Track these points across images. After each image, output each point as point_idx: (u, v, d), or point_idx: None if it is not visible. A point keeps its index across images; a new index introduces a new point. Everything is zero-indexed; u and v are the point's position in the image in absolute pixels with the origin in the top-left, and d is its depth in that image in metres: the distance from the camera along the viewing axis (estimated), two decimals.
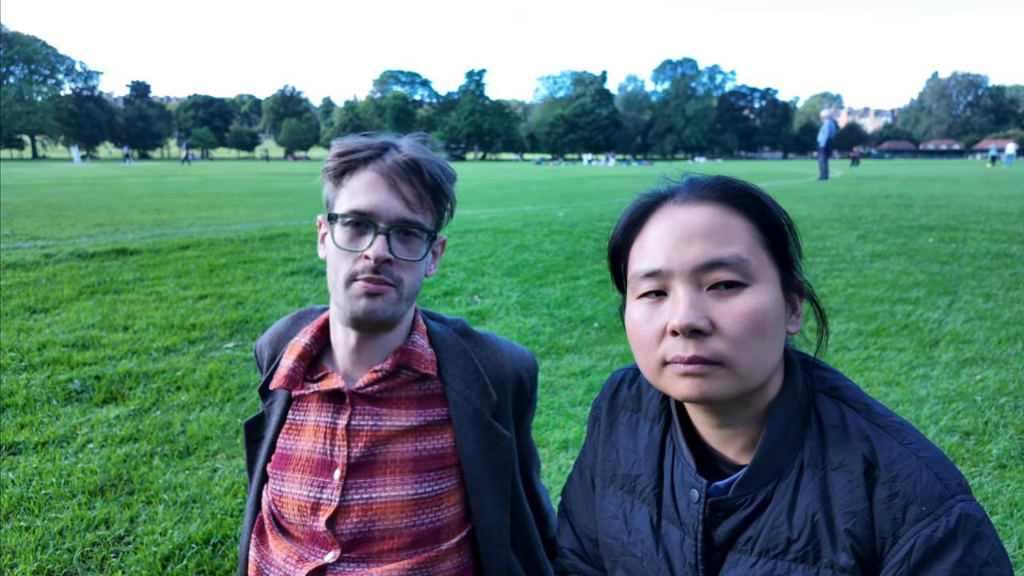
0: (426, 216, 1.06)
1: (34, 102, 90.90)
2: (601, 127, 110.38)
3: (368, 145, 1.06)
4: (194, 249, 6.18)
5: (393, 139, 1.09)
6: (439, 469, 1.09)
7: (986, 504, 2.32)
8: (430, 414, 1.10)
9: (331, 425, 1.08)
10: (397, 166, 1.03)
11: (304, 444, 1.10)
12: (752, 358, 0.74)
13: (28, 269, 5.19)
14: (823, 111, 17.64)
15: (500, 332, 4.22)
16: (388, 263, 1.02)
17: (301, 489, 1.08)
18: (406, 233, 1.05)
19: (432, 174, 1.06)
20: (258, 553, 1.13)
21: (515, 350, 1.22)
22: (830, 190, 13.71)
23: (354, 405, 1.08)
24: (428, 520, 1.07)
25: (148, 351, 3.68)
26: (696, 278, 0.76)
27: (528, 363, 1.22)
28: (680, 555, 0.86)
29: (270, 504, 1.13)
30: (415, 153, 1.05)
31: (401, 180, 1.04)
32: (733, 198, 0.79)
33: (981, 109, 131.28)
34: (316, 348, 1.14)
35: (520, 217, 8.90)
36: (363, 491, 1.05)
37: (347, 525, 1.04)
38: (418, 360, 1.11)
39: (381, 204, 1.02)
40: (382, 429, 1.08)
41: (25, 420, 2.86)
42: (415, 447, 1.08)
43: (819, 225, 8.03)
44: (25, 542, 2.05)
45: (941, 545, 0.68)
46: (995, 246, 6.51)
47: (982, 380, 3.35)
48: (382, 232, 1.01)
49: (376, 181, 1.03)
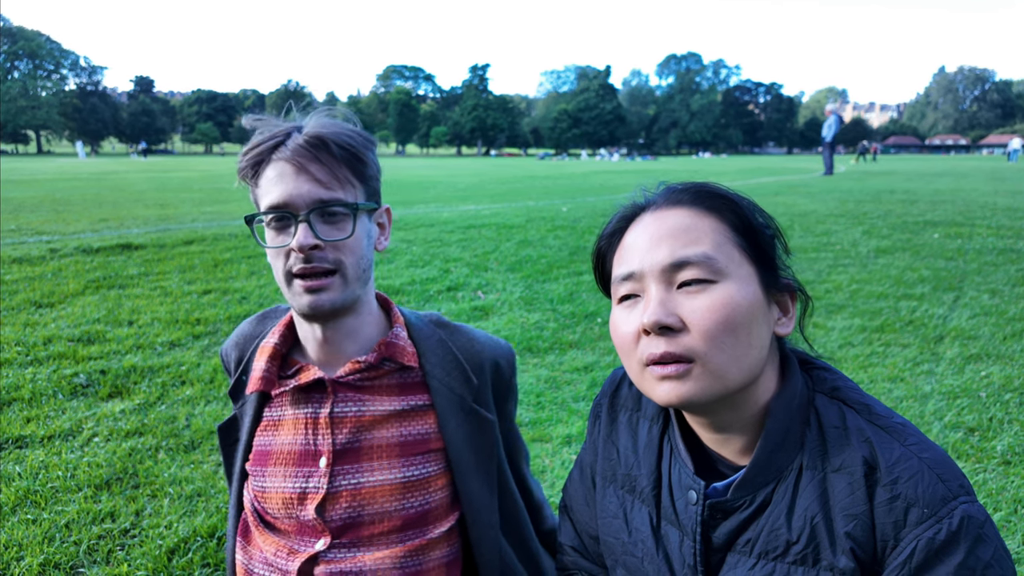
0: (345, 190, 1.01)
1: (39, 97, 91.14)
2: (605, 122, 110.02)
3: (271, 136, 1.02)
4: (198, 244, 6.20)
5: (298, 121, 1.05)
6: (424, 453, 1.09)
7: (990, 501, 2.32)
8: (412, 400, 1.11)
9: (313, 415, 1.08)
10: (300, 148, 0.99)
11: (283, 438, 1.09)
12: (725, 355, 0.74)
13: (34, 264, 5.22)
14: (828, 106, 17.52)
15: (504, 327, 4.23)
16: (317, 248, 0.98)
17: (285, 482, 1.07)
18: (330, 214, 1.00)
19: (341, 145, 1.00)
20: (244, 554, 1.12)
21: (490, 339, 1.22)
22: (835, 185, 13.65)
23: (336, 393, 1.08)
24: (417, 503, 1.07)
25: (153, 346, 3.69)
26: (666, 277, 0.78)
27: (504, 350, 1.22)
28: (679, 556, 0.86)
29: (252, 501, 1.12)
30: (318, 130, 1.00)
31: (308, 161, 0.99)
32: (704, 200, 0.81)
33: (988, 104, 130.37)
34: (285, 346, 1.14)
35: (524, 212, 8.89)
36: (351, 476, 1.05)
37: (336, 511, 1.04)
38: (401, 353, 1.11)
39: (293, 191, 0.98)
40: (366, 414, 1.07)
41: (31, 414, 2.88)
42: (400, 431, 1.08)
43: (824, 220, 8.00)
44: (32, 535, 2.07)
45: (943, 548, 0.68)
46: (1001, 242, 6.48)
47: (987, 376, 3.34)
48: (302, 219, 0.98)
49: (284, 169, 0.99)
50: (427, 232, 7.14)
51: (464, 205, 10.48)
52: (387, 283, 5.14)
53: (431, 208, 9.90)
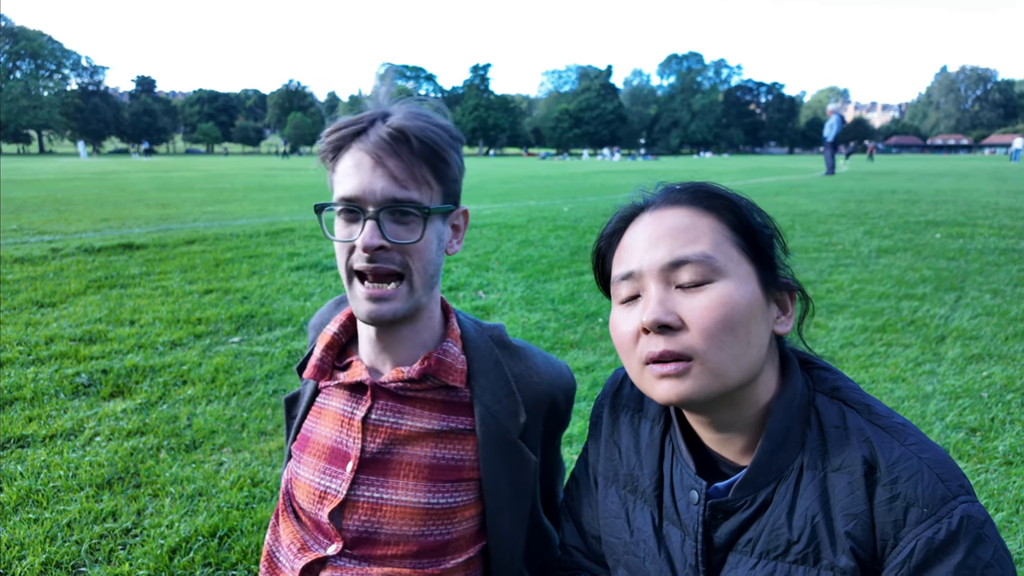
0: (422, 190, 0.95)
1: (40, 97, 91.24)
2: (606, 122, 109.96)
3: (356, 120, 0.96)
4: (200, 244, 6.20)
5: (384, 108, 0.98)
6: (456, 481, 1.02)
7: (992, 501, 2.31)
8: (454, 421, 1.04)
9: (349, 414, 1.04)
10: (382, 140, 0.93)
11: (323, 429, 1.07)
12: (724, 353, 0.75)
13: (35, 264, 5.22)
14: (829, 105, 17.51)
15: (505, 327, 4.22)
16: (383, 249, 0.93)
17: (313, 475, 1.05)
18: (402, 213, 0.94)
19: (424, 141, 0.93)
20: (273, 535, 1.11)
21: (553, 368, 1.13)
22: (836, 185, 13.64)
23: (375, 399, 1.03)
24: (438, 532, 1.01)
25: (154, 345, 3.70)
26: (665, 277, 0.78)
27: (565, 383, 1.13)
28: (681, 556, 0.86)
29: (287, 483, 1.11)
30: (403, 122, 0.93)
31: (387, 155, 0.93)
32: (702, 200, 0.82)
33: (990, 104, 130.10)
34: (345, 336, 1.11)
35: (525, 212, 8.89)
36: (373, 488, 1.01)
37: (353, 521, 1.00)
38: (448, 371, 1.04)
39: (366, 186, 0.92)
40: (402, 428, 1.02)
41: (33, 413, 2.89)
42: (434, 453, 1.02)
43: (825, 220, 7.99)
44: (34, 534, 2.07)
45: (943, 547, 0.68)
46: (1003, 242, 6.47)
47: (988, 376, 3.33)
48: (371, 217, 0.92)
49: (361, 160, 0.93)
50: None
51: (465, 205, 10.46)
52: None
53: None
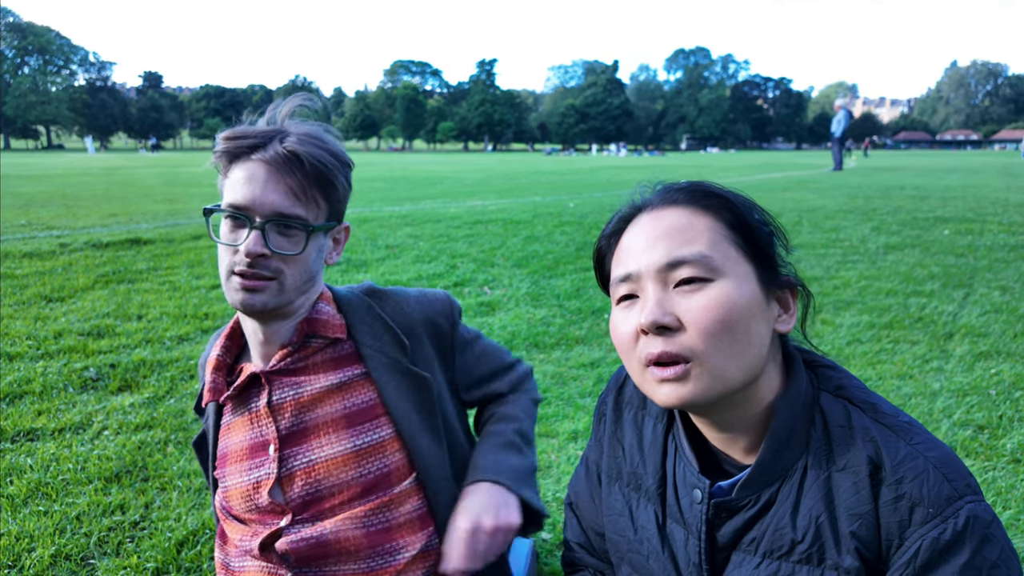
0: (308, 208, 1.04)
1: (48, 92, 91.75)
2: (613, 117, 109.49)
3: (254, 133, 1.04)
4: (207, 239, 6.22)
5: (284, 127, 1.07)
6: (371, 420, 1.10)
7: (999, 499, 2.30)
8: (348, 371, 1.12)
9: (254, 409, 1.11)
10: (278, 157, 1.01)
11: (236, 438, 1.13)
12: (723, 353, 0.74)
13: (44, 258, 5.26)
14: (837, 101, 17.38)
15: (510, 323, 4.22)
16: (263, 257, 1.01)
17: (241, 476, 1.10)
18: (287, 227, 1.03)
19: (316, 165, 1.03)
20: (222, 552, 1.16)
21: (425, 296, 1.22)
22: (844, 181, 13.55)
23: (271, 383, 1.10)
24: (374, 468, 1.08)
25: (162, 340, 3.72)
26: (662, 277, 0.78)
27: (441, 305, 1.22)
28: (684, 554, 0.86)
29: (221, 502, 1.15)
30: (298, 146, 1.02)
31: (282, 173, 1.01)
32: (699, 199, 0.81)
33: (1000, 99, 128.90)
34: (228, 356, 1.17)
35: (530, 208, 8.88)
36: (302, 456, 1.07)
37: (294, 490, 1.06)
38: (324, 326, 1.12)
39: (257, 197, 1.00)
40: (304, 394, 1.09)
41: (42, 407, 2.91)
42: (343, 404, 1.10)
43: (833, 216, 7.94)
44: (43, 526, 2.09)
45: (948, 547, 0.68)
46: (1012, 238, 6.41)
47: (997, 374, 3.31)
48: (257, 227, 1.00)
49: (256, 172, 1.01)
50: (434, 228, 7.15)
51: (471, 201, 10.48)
52: (394, 278, 5.15)
53: (438, 203, 9.90)
